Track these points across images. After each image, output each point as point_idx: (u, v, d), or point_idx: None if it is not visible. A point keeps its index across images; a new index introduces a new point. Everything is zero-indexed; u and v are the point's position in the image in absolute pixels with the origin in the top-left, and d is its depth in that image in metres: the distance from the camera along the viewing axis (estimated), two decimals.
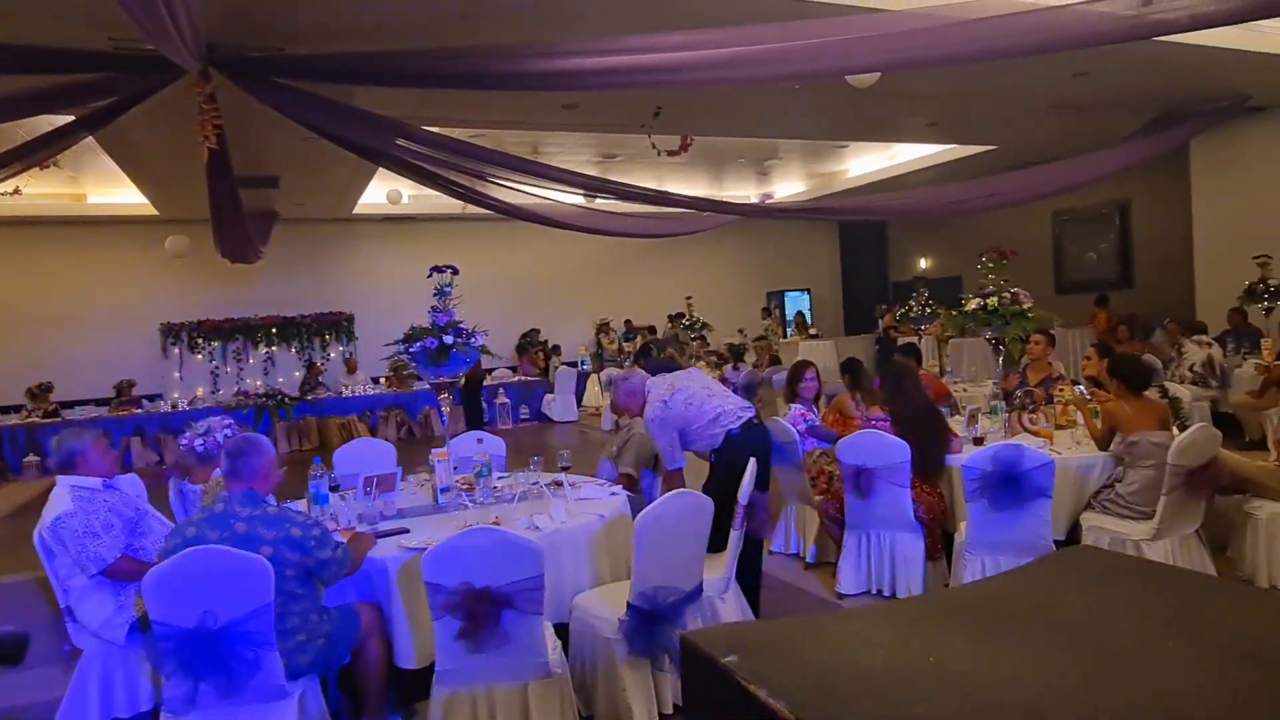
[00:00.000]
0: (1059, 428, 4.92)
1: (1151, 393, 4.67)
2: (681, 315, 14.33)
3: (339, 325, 14.36)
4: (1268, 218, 9.65)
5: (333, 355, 14.16)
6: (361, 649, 3.04)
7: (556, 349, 14.89)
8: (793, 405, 5.41)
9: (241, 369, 13.78)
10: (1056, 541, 4.03)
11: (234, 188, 7.31)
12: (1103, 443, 4.34)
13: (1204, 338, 8.67)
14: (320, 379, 12.94)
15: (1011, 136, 10.70)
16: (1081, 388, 4.84)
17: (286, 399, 11.56)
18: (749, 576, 4.03)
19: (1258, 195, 9.73)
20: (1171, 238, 11.32)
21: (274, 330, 13.96)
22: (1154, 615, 1.07)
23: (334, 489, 3.97)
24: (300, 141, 7.75)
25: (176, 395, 12.19)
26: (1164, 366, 8.16)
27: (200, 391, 12.50)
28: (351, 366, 13.20)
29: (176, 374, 13.35)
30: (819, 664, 0.97)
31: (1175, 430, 4.22)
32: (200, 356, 13.60)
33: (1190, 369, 8.17)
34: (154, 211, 11.96)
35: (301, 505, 3.91)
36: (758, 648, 1.01)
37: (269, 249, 11.61)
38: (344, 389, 12.42)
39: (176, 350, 13.49)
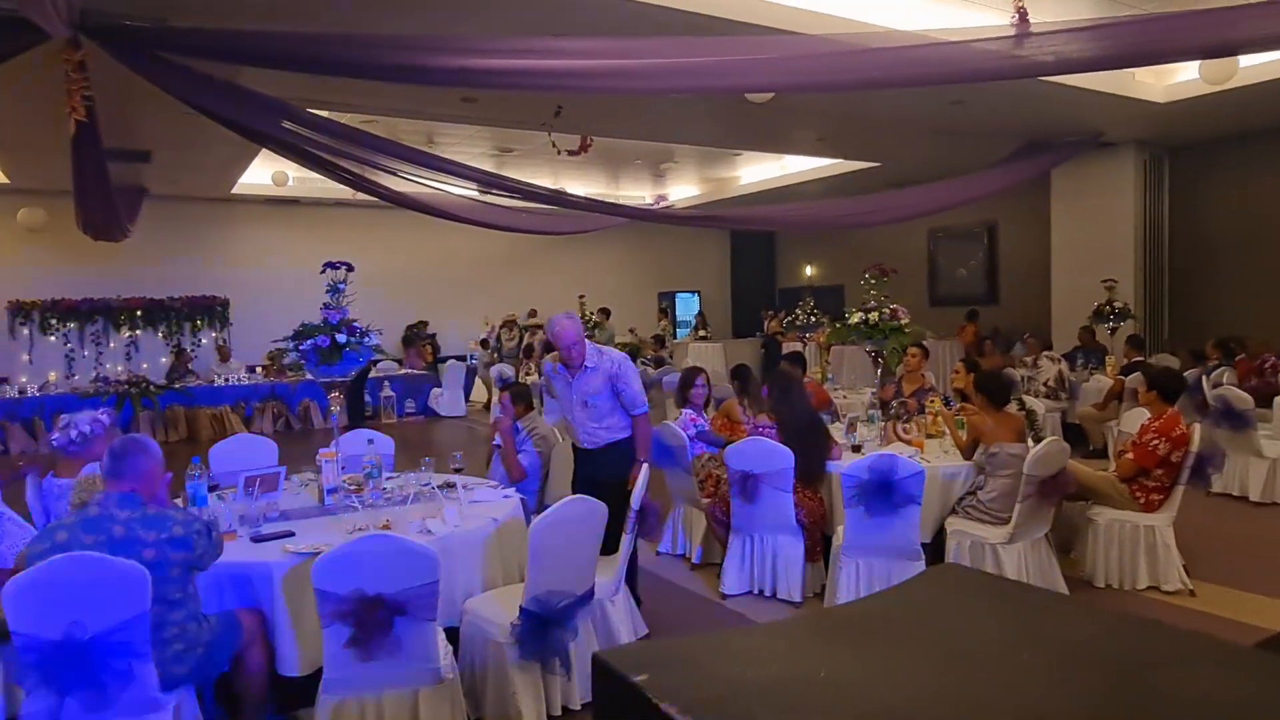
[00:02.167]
0: (929, 436, 5.25)
1: (1011, 405, 5.06)
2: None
3: (212, 310, 13.63)
4: (1115, 244, 10.57)
5: (205, 341, 13.44)
6: (242, 657, 2.94)
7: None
8: (684, 410, 5.55)
9: (101, 353, 12.88)
10: (924, 545, 4.32)
11: (102, 161, 6.84)
12: (967, 453, 4.67)
13: (1053, 354, 9.43)
14: (190, 366, 12.28)
15: (894, 155, 11.27)
16: (950, 400, 5.19)
17: (152, 386, 10.89)
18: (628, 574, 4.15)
19: (1107, 223, 10.64)
20: (1033, 258, 12.20)
21: (139, 313, 13.11)
22: (1010, 627, 1.21)
23: (213, 489, 3.81)
24: (178, 115, 7.32)
25: (25, 379, 11.27)
26: (1021, 380, 8.80)
27: (53, 376, 11.59)
28: (225, 354, 12.58)
29: (25, 356, 12.35)
30: (724, 680, 1.04)
31: (1030, 442, 4.58)
32: (53, 338, 12.62)
33: (1044, 383, 8.85)
34: (4, 179, 11.03)
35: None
36: (667, 665, 1.07)
37: (137, 226, 10.91)
38: (216, 378, 11.81)
39: (26, 331, 12.48)
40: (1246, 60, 7.04)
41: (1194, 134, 10.03)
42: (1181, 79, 8.17)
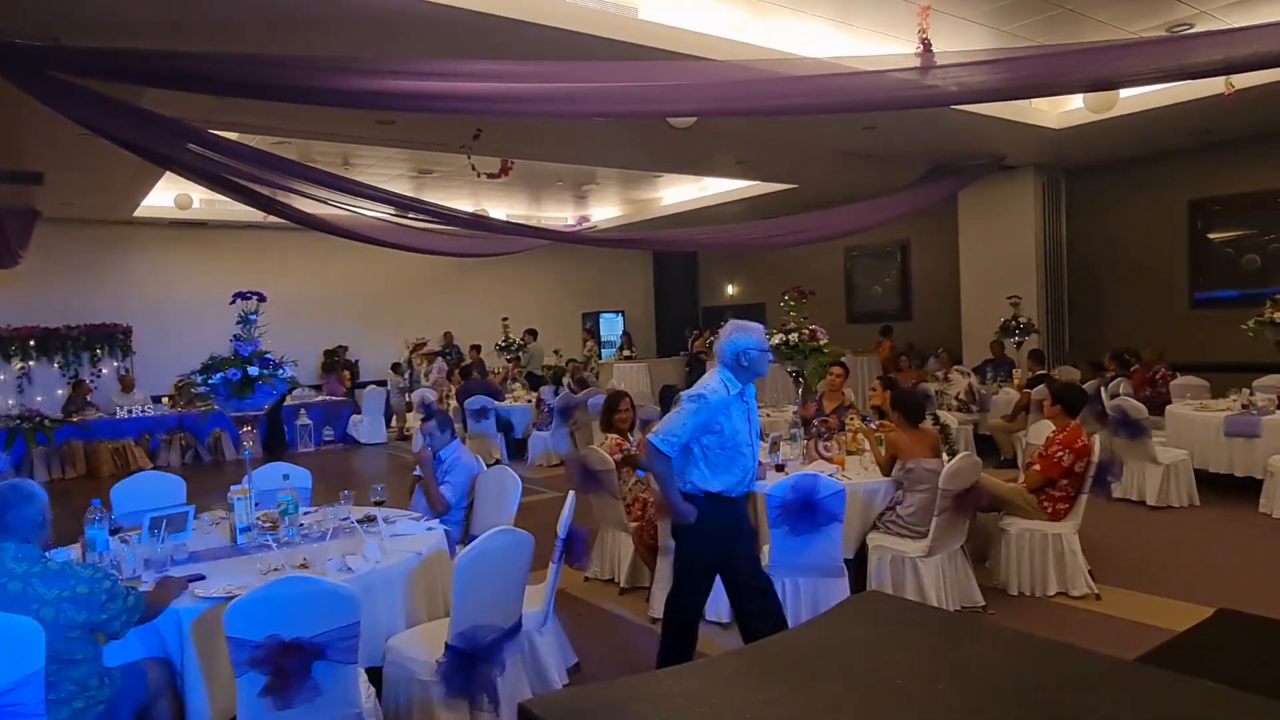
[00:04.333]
0: (849, 453, 5.37)
1: (927, 420, 5.23)
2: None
3: (113, 338, 12.95)
4: (1018, 262, 11.07)
5: (105, 372, 12.76)
6: (148, 710, 2.79)
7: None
8: (609, 435, 5.54)
9: None
10: (846, 560, 4.40)
11: None
12: (885, 469, 4.80)
13: (963, 368, 9.80)
14: (89, 398, 11.65)
15: (809, 177, 11.58)
16: (868, 417, 5.33)
17: (46, 420, 10.28)
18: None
19: (1010, 242, 11.15)
20: (943, 275, 12.67)
21: (32, 342, 12.36)
22: (927, 657, 1.24)
23: (115, 532, 3.61)
24: (73, 135, 6.99)
25: None
26: (934, 394, 9.10)
27: None
28: (128, 384, 11.97)
29: None
30: None
31: (945, 457, 4.74)
32: None
33: (956, 397, 9.18)
34: None
35: (74, 551, 3.53)
36: (595, 713, 1.06)
37: (29, 251, 10.36)
38: (118, 409, 11.23)
39: None
40: (1129, 91, 7.52)
41: (1086, 158, 10.62)
42: (1073, 107, 8.64)
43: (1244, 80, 6.56)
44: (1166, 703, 1.13)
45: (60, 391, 12.17)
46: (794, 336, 5.79)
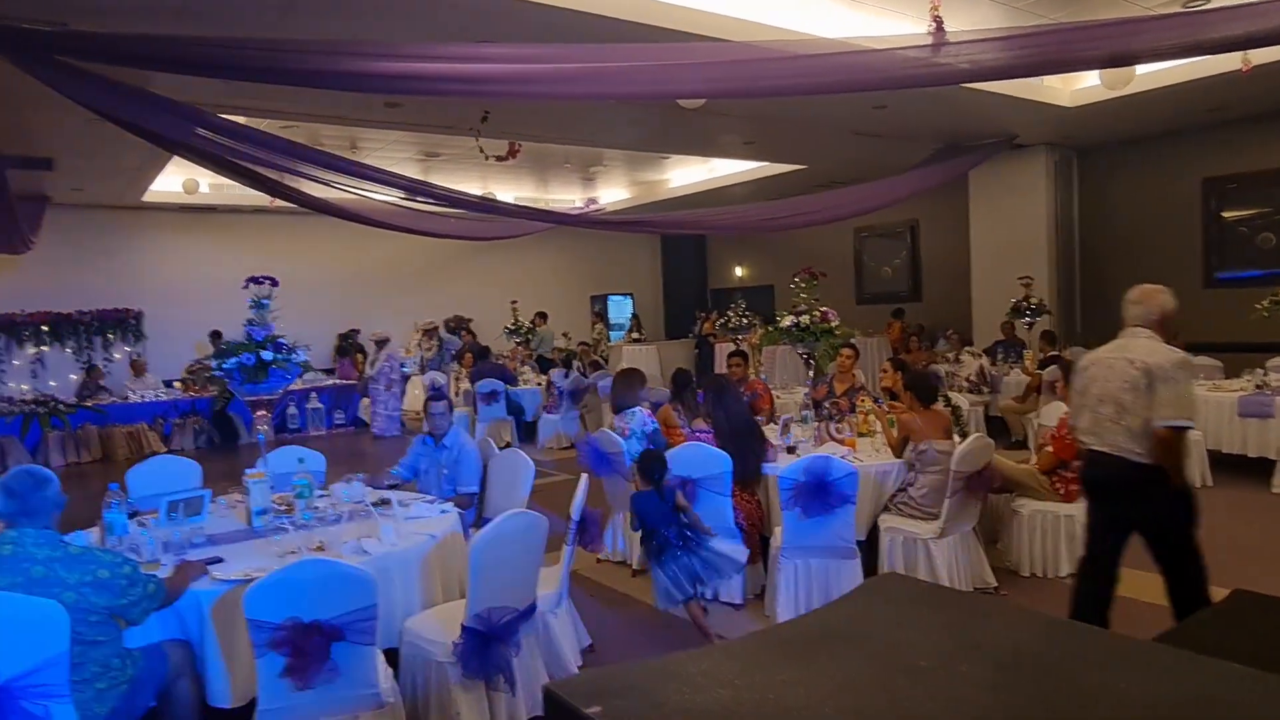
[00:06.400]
0: (861, 435, 5.37)
1: (938, 402, 5.22)
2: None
3: (125, 323, 13.02)
4: (1030, 242, 10.99)
5: (117, 356, 12.84)
6: (170, 691, 2.83)
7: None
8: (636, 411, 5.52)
9: (4, 371, 12.19)
10: (858, 542, 4.41)
11: (0, 173, 6.49)
12: (897, 450, 4.80)
13: (974, 349, 9.77)
14: (102, 382, 11.73)
15: (819, 157, 11.49)
16: (879, 399, 5.32)
17: (61, 405, 10.37)
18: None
19: (1021, 221, 11.06)
20: (954, 256, 12.59)
21: (45, 328, 12.44)
22: (947, 638, 1.25)
23: (132, 515, 3.65)
24: (82, 121, 7.00)
25: None
26: (945, 375, 9.08)
27: None
28: (140, 368, 12.04)
29: None
30: (675, 707, 1.05)
31: (957, 438, 4.73)
32: None
33: (966, 379, 9.15)
34: None
35: (92, 534, 3.57)
36: (619, 694, 1.07)
37: (40, 237, 10.40)
38: (131, 393, 11.31)
39: None
40: (1143, 68, 7.42)
41: (1099, 136, 10.51)
42: (1086, 85, 8.54)
43: (1261, 55, 6.47)
44: (1186, 681, 1.13)
45: (73, 376, 12.26)
46: (805, 318, 5.77)
